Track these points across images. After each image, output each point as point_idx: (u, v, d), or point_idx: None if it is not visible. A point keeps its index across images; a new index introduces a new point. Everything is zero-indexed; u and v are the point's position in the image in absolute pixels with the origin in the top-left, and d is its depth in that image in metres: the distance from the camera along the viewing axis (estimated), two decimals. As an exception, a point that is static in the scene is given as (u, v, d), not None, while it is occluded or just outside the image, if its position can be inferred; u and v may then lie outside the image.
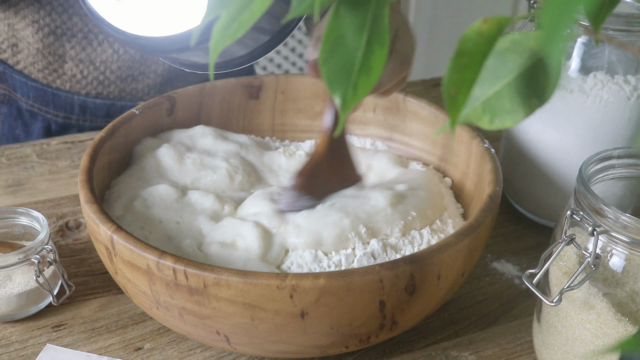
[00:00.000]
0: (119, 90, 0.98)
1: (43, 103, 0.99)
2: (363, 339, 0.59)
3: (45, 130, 1.01)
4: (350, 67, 0.37)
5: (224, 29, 0.37)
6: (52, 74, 0.96)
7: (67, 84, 0.97)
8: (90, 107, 0.99)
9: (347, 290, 0.54)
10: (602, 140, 0.71)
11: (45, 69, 0.96)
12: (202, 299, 0.55)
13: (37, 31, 0.92)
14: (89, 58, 0.95)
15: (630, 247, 0.54)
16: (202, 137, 0.76)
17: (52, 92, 0.98)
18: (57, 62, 0.95)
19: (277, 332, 0.56)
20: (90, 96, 0.98)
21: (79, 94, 0.98)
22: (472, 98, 0.36)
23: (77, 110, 0.99)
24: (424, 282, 0.57)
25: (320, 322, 0.55)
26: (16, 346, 0.65)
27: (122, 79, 0.97)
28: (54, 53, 0.94)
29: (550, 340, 0.60)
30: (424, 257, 0.56)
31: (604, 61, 0.71)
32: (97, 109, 0.99)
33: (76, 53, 0.94)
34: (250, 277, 0.53)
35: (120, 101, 0.99)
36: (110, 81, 0.97)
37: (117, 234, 0.58)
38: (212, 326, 0.57)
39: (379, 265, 0.55)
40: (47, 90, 0.98)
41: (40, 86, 0.98)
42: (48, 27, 0.92)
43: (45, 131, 1.01)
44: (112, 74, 0.96)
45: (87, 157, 0.67)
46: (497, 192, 0.63)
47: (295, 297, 0.53)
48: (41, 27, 0.92)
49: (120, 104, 0.99)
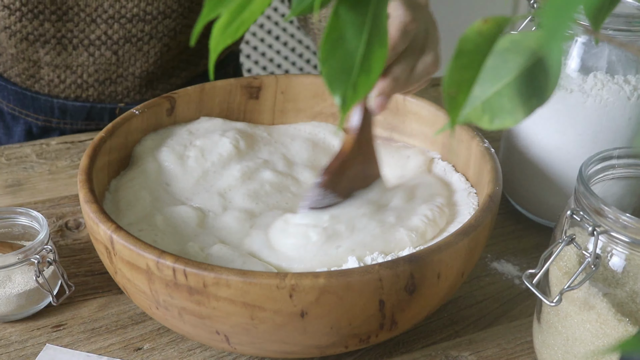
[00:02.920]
0: (98, 93, 0.97)
1: (23, 106, 0.98)
2: (363, 338, 0.59)
3: (27, 133, 1.00)
4: (350, 67, 0.37)
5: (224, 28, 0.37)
6: (29, 79, 0.96)
7: (46, 88, 0.96)
8: (70, 110, 0.98)
9: (347, 289, 0.54)
10: (602, 140, 0.71)
11: (22, 73, 0.95)
12: (201, 298, 0.55)
13: (10, 37, 0.91)
14: (64, 63, 0.93)
15: (630, 247, 0.54)
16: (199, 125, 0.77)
17: (32, 95, 0.97)
18: (33, 68, 0.94)
19: (277, 332, 0.56)
20: (69, 99, 0.97)
21: (58, 97, 0.97)
22: (472, 98, 0.36)
23: (57, 113, 0.98)
24: (424, 282, 0.57)
25: (320, 322, 0.55)
26: (16, 346, 0.65)
27: (101, 82, 0.96)
28: (29, 59, 0.93)
29: (550, 340, 0.60)
30: (423, 256, 0.56)
31: (604, 61, 0.71)
32: (77, 111, 0.98)
33: (51, 58, 0.93)
34: (249, 277, 0.53)
35: (100, 104, 0.98)
36: (89, 85, 0.96)
37: (116, 233, 0.58)
38: (212, 326, 0.57)
39: (378, 265, 0.55)
40: (26, 94, 0.97)
41: (20, 90, 0.97)
42: (20, 33, 0.90)
43: (27, 134, 1.01)
44: (90, 77, 0.95)
45: (87, 157, 0.67)
46: (496, 191, 0.63)
47: (295, 297, 0.53)
48: (13, 33, 0.90)
49: (100, 106, 0.98)
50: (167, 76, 1.00)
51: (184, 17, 0.94)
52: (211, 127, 0.78)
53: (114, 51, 0.92)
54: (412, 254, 0.56)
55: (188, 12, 0.95)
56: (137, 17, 0.90)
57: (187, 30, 0.96)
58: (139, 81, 0.97)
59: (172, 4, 0.92)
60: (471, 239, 0.59)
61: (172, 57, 0.98)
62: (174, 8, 0.93)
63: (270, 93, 0.81)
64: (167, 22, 0.93)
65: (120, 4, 0.89)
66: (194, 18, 0.96)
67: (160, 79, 0.99)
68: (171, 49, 0.96)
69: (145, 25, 0.91)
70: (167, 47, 0.95)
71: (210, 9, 0.37)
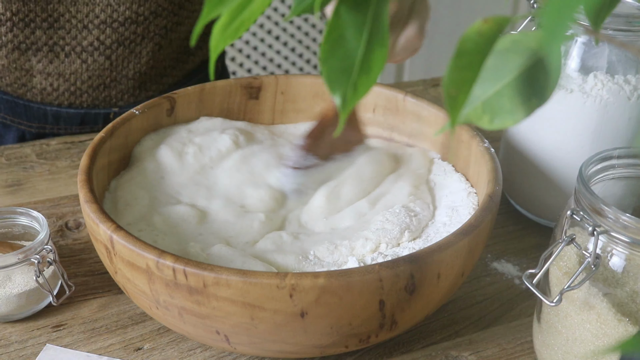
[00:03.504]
0: (92, 99, 0.96)
1: (15, 115, 0.97)
2: (363, 338, 0.59)
3: (20, 140, 0.99)
4: (350, 66, 0.37)
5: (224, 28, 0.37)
6: (21, 88, 0.94)
7: (38, 96, 0.95)
8: (63, 116, 0.97)
9: (347, 289, 0.54)
10: (602, 140, 0.71)
11: (14, 83, 0.94)
12: (201, 298, 0.55)
13: (1, 47, 0.90)
14: (57, 71, 0.92)
15: (630, 247, 0.54)
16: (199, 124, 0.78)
17: (24, 104, 0.96)
18: (25, 77, 0.93)
19: (277, 332, 0.56)
20: (63, 106, 0.96)
21: (51, 105, 0.96)
22: (472, 98, 0.36)
23: (51, 120, 0.97)
24: (424, 282, 0.57)
25: (320, 322, 0.55)
26: (16, 346, 0.65)
27: (94, 88, 0.95)
28: (21, 68, 0.92)
29: (550, 340, 0.60)
30: (423, 256, 0.56)
31: (604, 61, 0.71)
32: (71, 118, 0.97)
33: (43, 67, 0.92)
34: (250, 277, 0.53)
35: (94, 109, 0.97)
36: (82, 91, 0.95)
37: (116, 233, 0.58)
38: (212, 326, 0.57)
39: (378, 265, 0.55)
40: (18, 103, 0.96)
41: (11, 99, 0.96)
42: (12, 43, 0.89)
43: (20, 141, 0.99)
44: (84, 84, 0.94)
45: (87, 157, 0.67)
46: (496, 191, 0.63)
47: (295, 297, 0.53)
48: (4, 44, 0.89)
49: (94, 111, 0.97)
50: (160, 76, 0.99)
51: (174, 14, 0.94)
52: (211, 126, 0.78)
53: (107, 56, 0.92)
54: (412, 254, 0.56)
55: (178, 9, 0.94)
56: (130, 19, 0.90)
57: (178, 28, 0.96)
58: (133, 83, 0.96)
59: (163, 2, 0.92)
60: (471, 238, 0.59)
61: (163, 57, 0.97)
62: (164, 7, 0.92)
63: (270, 93, 0.81)
64: (159, 22, 0.93)
65: (112, 8, 0.89)
66: (184, 15, 0.96)
67: (153, 79, 0.99)
68: (163, 48, 0.96)
69: (137, 27, 0.91)
70: (159, 46, 0.95)
71: (210, 9, 0.37)
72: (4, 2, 0.85)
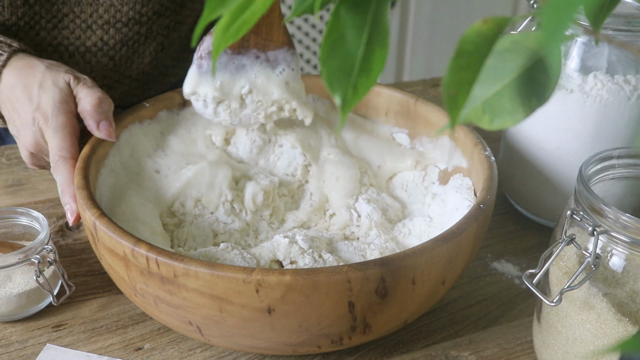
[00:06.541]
0: None
1: None
2: (335, 339, 0.58)
3: None
4: (350, 67, 0.37)
5: (225, 29, 0.37)
6: None
7: None
8: None
9: (314, 288, 0.53)
10: (602, 140, 0.72)
11: None
12: (173, 288, 0.55)
13: None
14: None
15: (630, 247, 0.54)
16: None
17: None
18: None
19: (246, 327, 0.56)
20: None
21: None
22: (472, 98, 0.36)
23: None
24: (397, 286, 0.56)
25: (288, 319, 0.55)
26: (16, 346, 0.65)
27: None
28: None
29: (550, 340, 0.60)
30: (395, 260, 0.55)
31: (604, 61, 0.71)
32: None
33: None
34: (217, 269, 0.54)
35: None
36: None
37: (99, 220, 0.59)
38: (185, 316, 0.57)
39: (347, 266, 0.54)
40: None
41: None
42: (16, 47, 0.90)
43: None
44: None
45: (89, 146, 0.68)
46: (487, 200, 0.62)
47: (261, 292, 0.53)
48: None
49: None
50: (162, 75, 0.99)
51: (177, 13, 0.94)
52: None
53: (111, 56, 0.92)
54: (383, 258, 0.55)
55: (180, 8, 0.95)
56: (133, 20, 0.90)
57: (180, 27, 0.96)
58: (136, 83, 0.97)
59: (166, 2, 0.92)
60: (451, 246, 0.57)
61: (166, 56, 0.97)
62: (167, 6, 0.92)
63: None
64: (161, 21, 0.93)
65: (115, 9, 0.89)
66: (185, 14, 0.96)
67: (156, 79, 0.99)
68: (165, 48, 0.96)
69: (140, 27, 0.91)
70: (162, 45, 0.95)
71: (211, 9, 0.37)
72: (11, 7, 0.85)
